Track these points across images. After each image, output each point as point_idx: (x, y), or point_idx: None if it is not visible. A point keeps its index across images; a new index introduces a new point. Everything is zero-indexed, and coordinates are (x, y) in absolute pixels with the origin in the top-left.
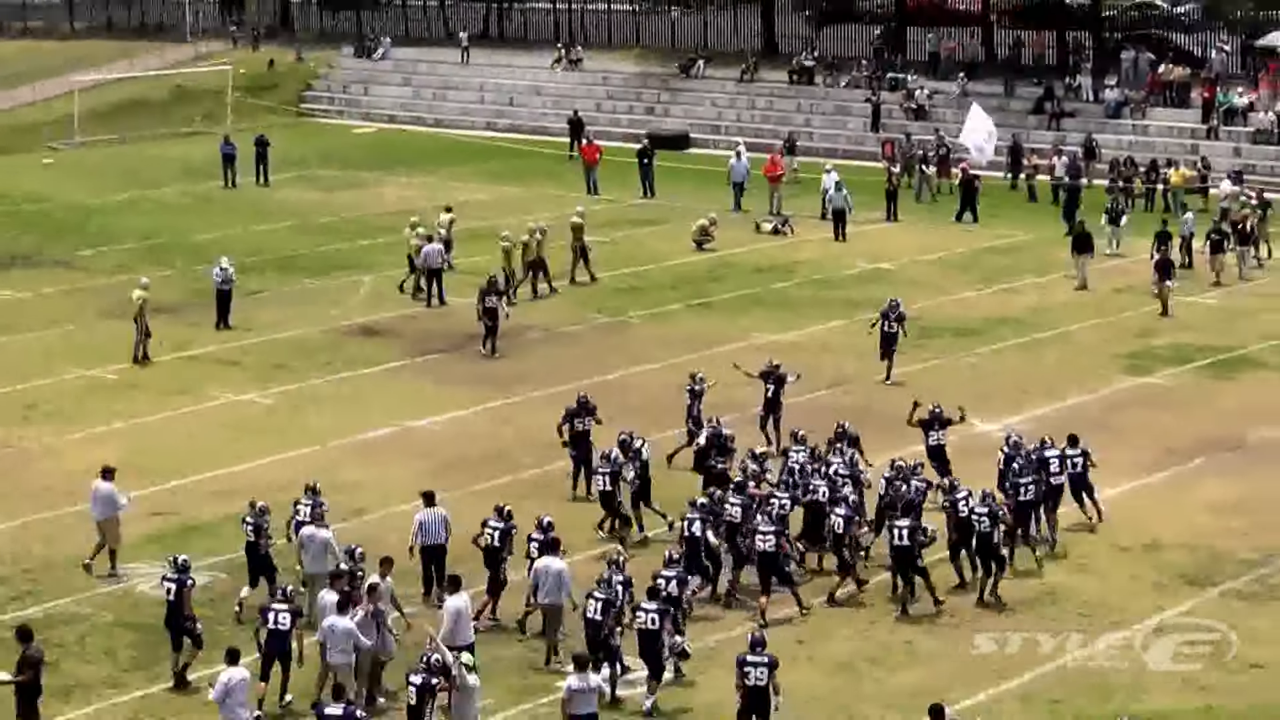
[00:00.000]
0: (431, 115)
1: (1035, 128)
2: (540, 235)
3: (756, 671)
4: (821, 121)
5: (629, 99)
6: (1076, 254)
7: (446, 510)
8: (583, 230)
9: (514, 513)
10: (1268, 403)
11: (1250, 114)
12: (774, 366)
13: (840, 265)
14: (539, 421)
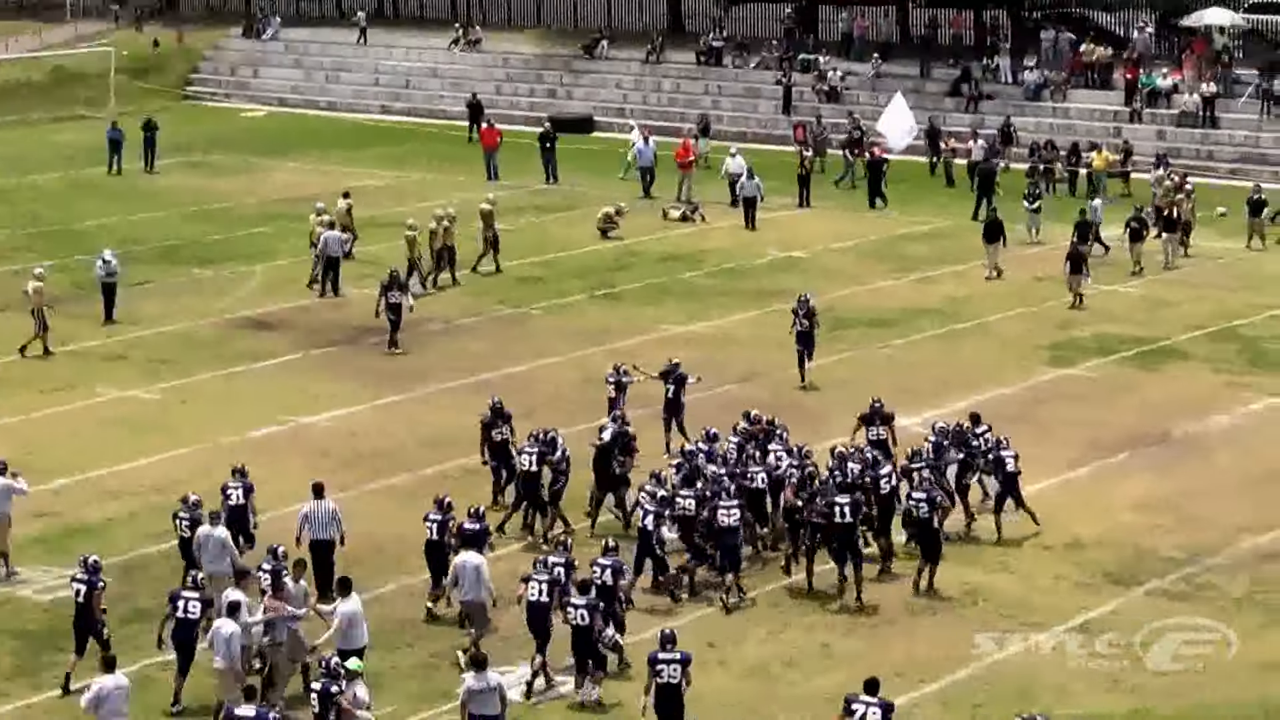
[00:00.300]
0: (324, 98)
1: (952, 110)
2: (448, 222)
3: (669, 669)
4: (730, 104)
5: (530, 81)
6: (987, 243)
7: (337, 505)
8: (493, 218)
9: (453, 504)
10: (1193, 395)
11: (1174, 96)
12: (673, 366)
13: (751, 254)
14: (438, 418)
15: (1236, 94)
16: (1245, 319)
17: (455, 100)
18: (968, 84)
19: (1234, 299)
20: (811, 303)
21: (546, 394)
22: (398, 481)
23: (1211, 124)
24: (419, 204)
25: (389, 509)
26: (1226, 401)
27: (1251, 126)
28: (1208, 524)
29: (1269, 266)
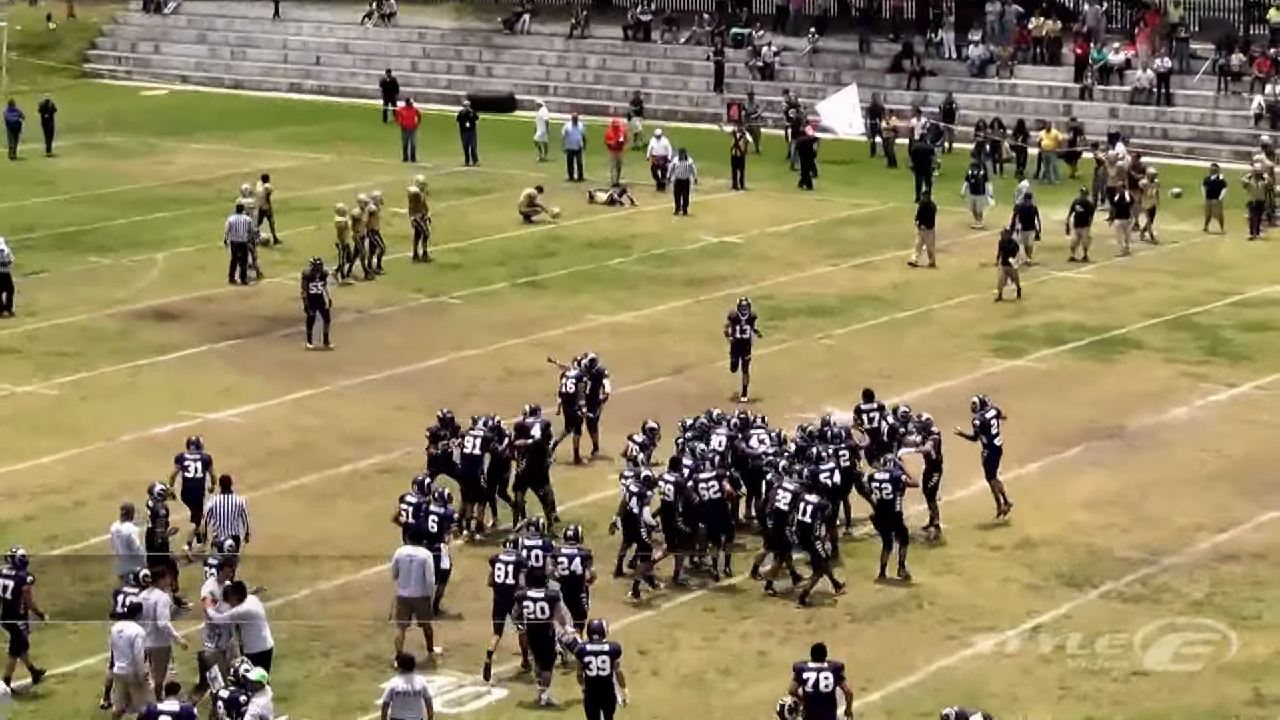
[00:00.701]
0: (230, 75)
1: (893, 88)
2: (375, 206)
3: (598, 660)
4: (660, 81)
5: (447, 57)
6: (921, 227)
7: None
8: (421, 201)
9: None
10: (1148, 386)
11: (1127, 71)
12: (590, 362)
13: (682, 239)
14: (352, 413)
15: (1192, 69)
16: (1202, 306)
17: (369, 78)
18: (909, 60)
19: (1191, 285)
20: (752, 309)
21: (464, 388)
22: (310, 481)
23: (1166, 101)
24: (333, 187)
25: (301, 510)
26: (1184, 393)
27: (1208, 103)
28: (1165, 522)
29: (1227, 251)
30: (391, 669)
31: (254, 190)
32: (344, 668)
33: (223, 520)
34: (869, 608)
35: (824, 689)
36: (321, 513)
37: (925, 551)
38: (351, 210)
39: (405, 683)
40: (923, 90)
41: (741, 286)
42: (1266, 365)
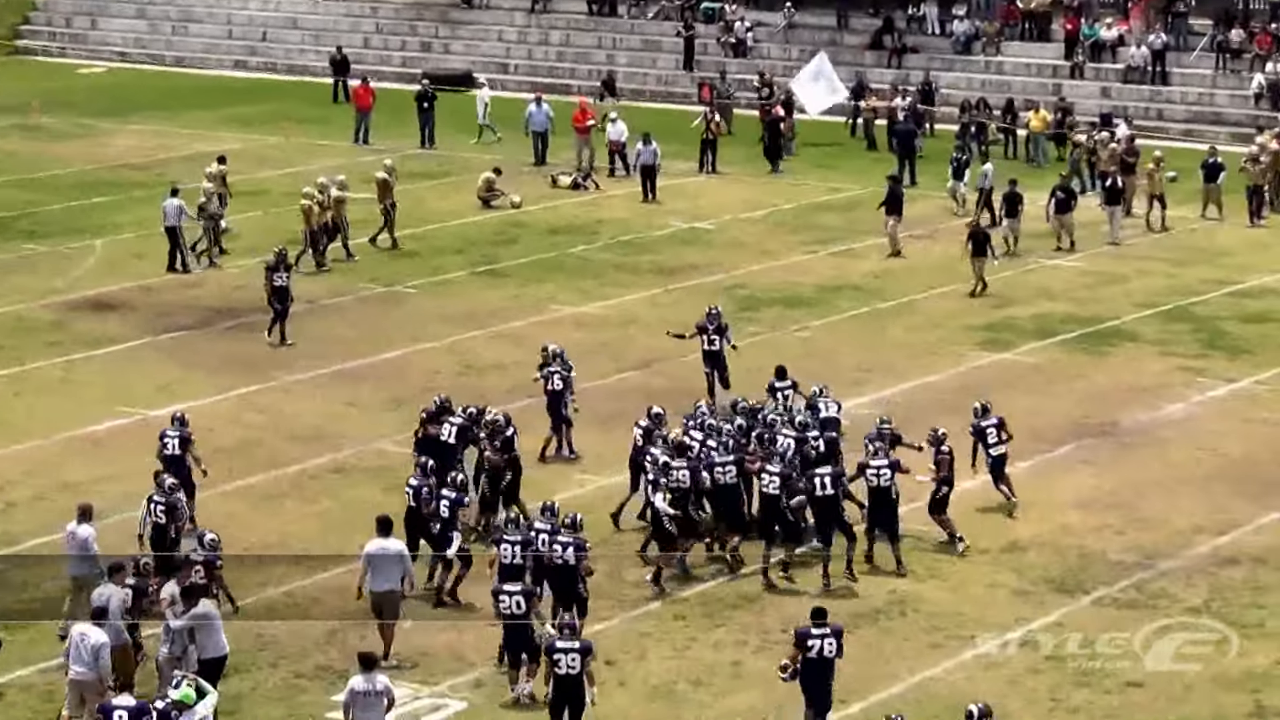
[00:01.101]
0: (171, 52)
1: (873, 65)
2: (338, 190)
3: (568, 658)
4: (627, 59)
5: (401, 33)
6: (886, 214)
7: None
8: (390, 188)
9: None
10: (1143, 381)
11: (1120, 49)
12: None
13: (651, 225)
14: (301, 409)
15: (1189, 46)
16: (1200, 296)
17: (318, 55)
18: (890, 36)
19: (1187, 274)
20: (722, 319)
21: (421, 383)
22: (256, 481)
23: (1161, 80)
24: (280, 171)
25: (246, 511)
26: (1180, 388)
27: (1205, 82)
28: (1161, 524)
29: (1226, 237)
30: (343, 680)
31: (218, 174)
32: (293, 679)
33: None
34: (848, 614)
35: (827, 654)
36: (268, 514)
37: (908, 556)
38: (315, 195)
39: (366, 682)
40: (904, 68)
41: (713, 275)
42: (1267, 359)
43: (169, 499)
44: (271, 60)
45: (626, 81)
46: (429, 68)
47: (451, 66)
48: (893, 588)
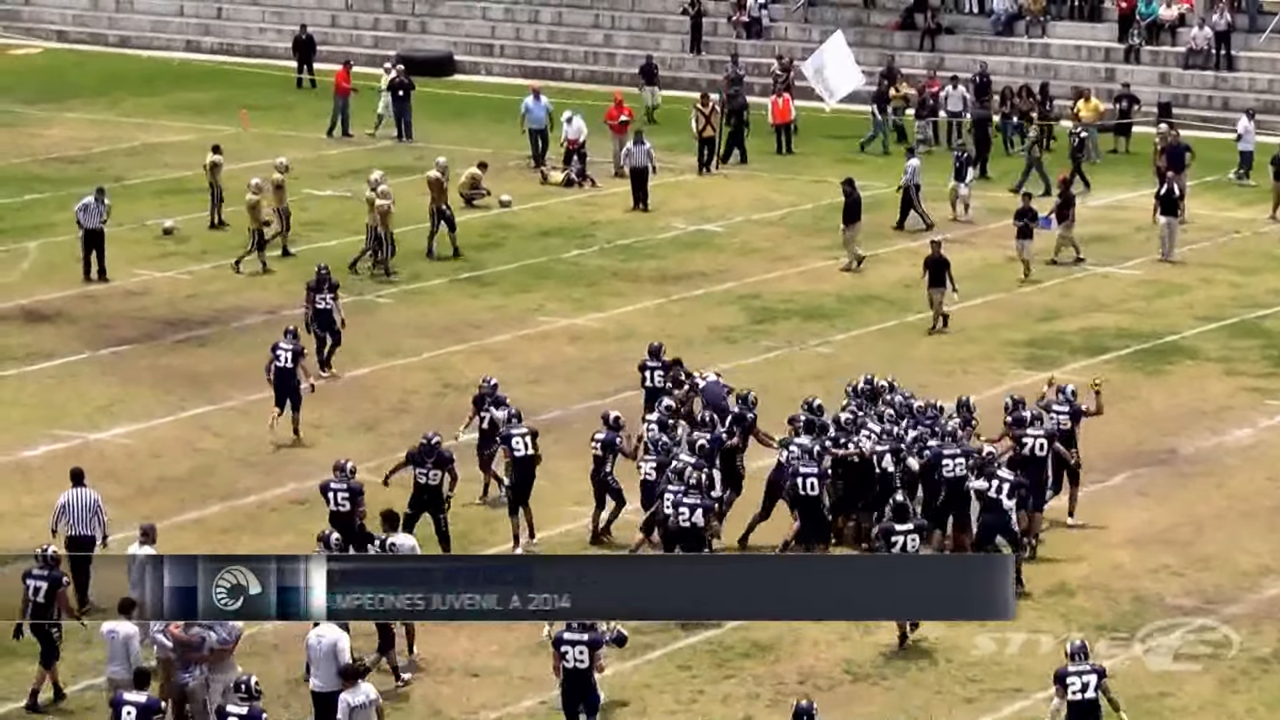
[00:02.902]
0: (114, 31)
1: (904, 48)
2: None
3: (575, 651)
4: (626, 40)
5: (374, 10)
6: (844, 224)
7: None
8: (444, 189)
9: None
10: (1204, 403)
11: (1180, 29)
12: (491, 387)
13: (652, 227)
14: (259, 431)
15: (1259, 26)
16: (1269, 309)
17: (280, 35)
18: (923, 14)
19: (1254, 283)
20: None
21: (394, 403)
22: (209, 513)
23: (1227, 64)
24: (237, 164)
25: (197, 546)
26: (1246, 410)
27: (1277, 68)
28: (1224, 564)
29: None
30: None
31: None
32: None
33: (76, 517)
34: (874, 664)
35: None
36: (222, 550)
37: None
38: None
39: (352, 696)
40: (938, 51)
41: (723, 283)
42: None
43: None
44: (227, 40)
45: (624, 64)
46: (405, 49)
47: (430, 48)
48: (923, 634)
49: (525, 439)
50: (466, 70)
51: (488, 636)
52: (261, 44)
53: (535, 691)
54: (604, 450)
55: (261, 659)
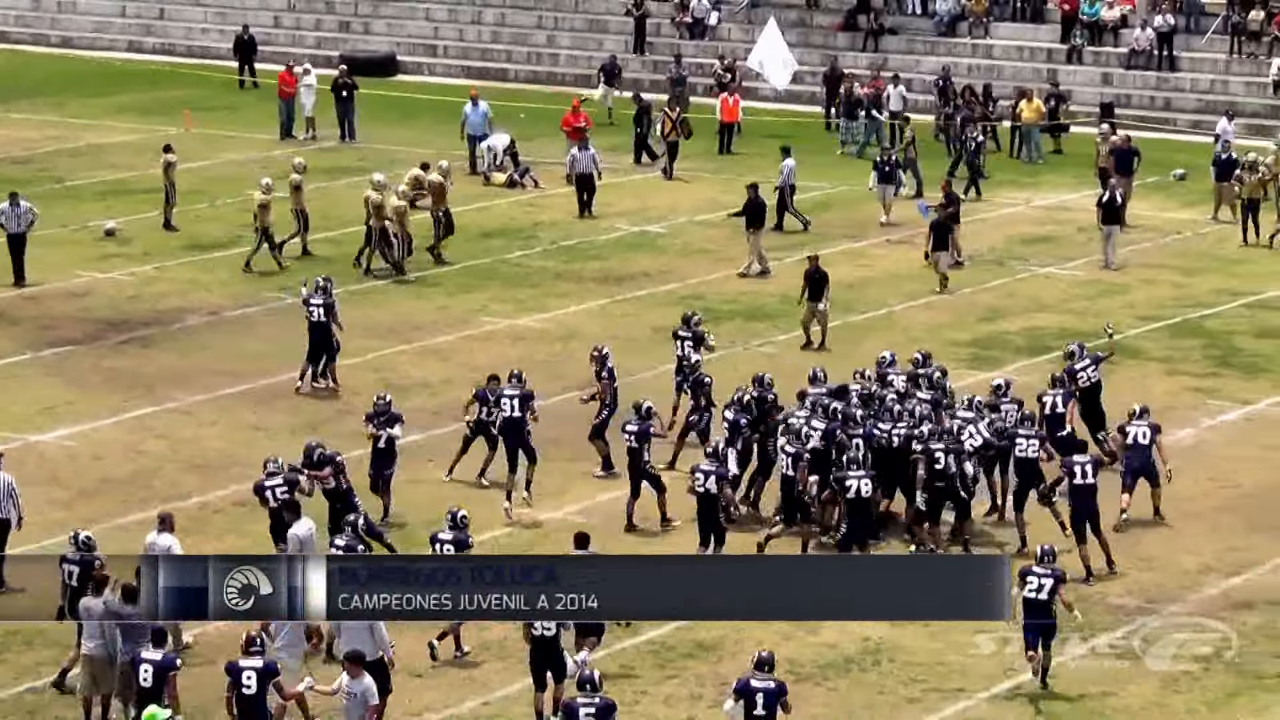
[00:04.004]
0: (56, 31)
1: (847, 49)
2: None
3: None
4: (569, 40)
5: (317, 11)
6: (746, 228)
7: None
8: (444, 194)
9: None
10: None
11: (1122, 30)
12: (385, 404)
13: (595, 228)
14: (202, 434)
15: (1200, 28)
16: (1212, 309)
17: (223, 35)
18: (866, 15)
19: (1196, 284)
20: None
21: (337, 404)
22: (152, 516)
23: (1169, 65)
24: (180, 165)
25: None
26: (1188, 411)
27: (1218, 68)
28: (1166, 564)
29: (1240, 242)
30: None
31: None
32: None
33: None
34: (816, 664)
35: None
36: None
37: None
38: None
39: (354, 683)
40: (881, 51)
41: (666, 284)
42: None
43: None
44: (170, 41)
45: (567, 65)
46: (347, 50)
47: (373, 49)
48: (867, 634)
49: (513, 401)
50: (410, 71)
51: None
52: (204, 44)
53: (479, 692)
54: (639, 440)
55: (208, 667)
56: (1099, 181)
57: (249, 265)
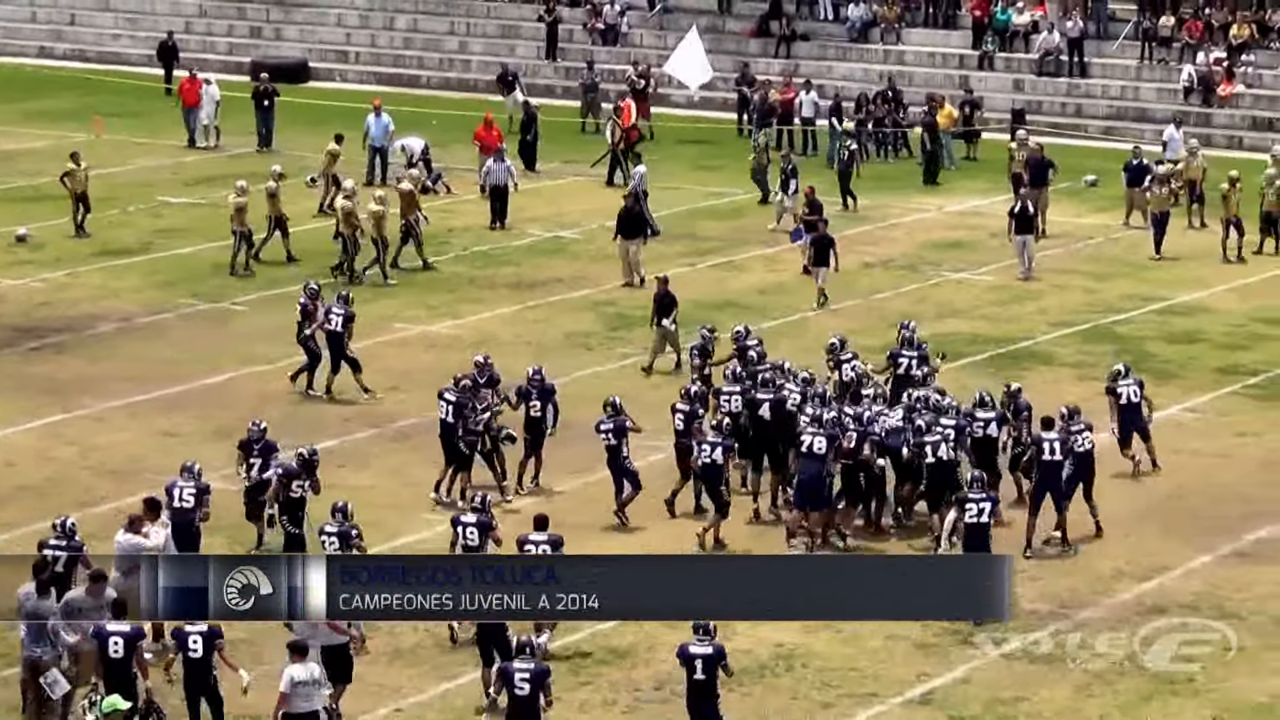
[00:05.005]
0: None
1: (759, 55)
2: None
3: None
4: (481, 46)
5: (228, 16)
6: (623, 240)
7: None
8: (415, 200)
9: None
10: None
11: (1034, 36)
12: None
13: (508, 234)
14: (115, 440)
15: (1111, 34)
16: (1123, 314)
17: (133, 41)
18: (778, 21)
19: (1108, 289)
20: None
21: (249, 410)
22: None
23: (1080, 71)
24: (92, 173)
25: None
26: (1100, 416)
27: (1129, 75)
28: (1079, 569)
29: (1151, 249)
30: None
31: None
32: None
33: None
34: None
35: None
36: None
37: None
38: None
39: (304, 670)
40: (793, 57)
41: (580, 289)
42: (1197, 383)
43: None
44: (80, 47)
45: (479, 71)
46: (259, 56)
47: (284, 55)
48: (780, 640)
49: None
50: (321, 77)
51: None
52: (115, 50)
53: (390, 698)
54: (615, 437)
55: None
56: (1012, 187)
57: (243, 266)
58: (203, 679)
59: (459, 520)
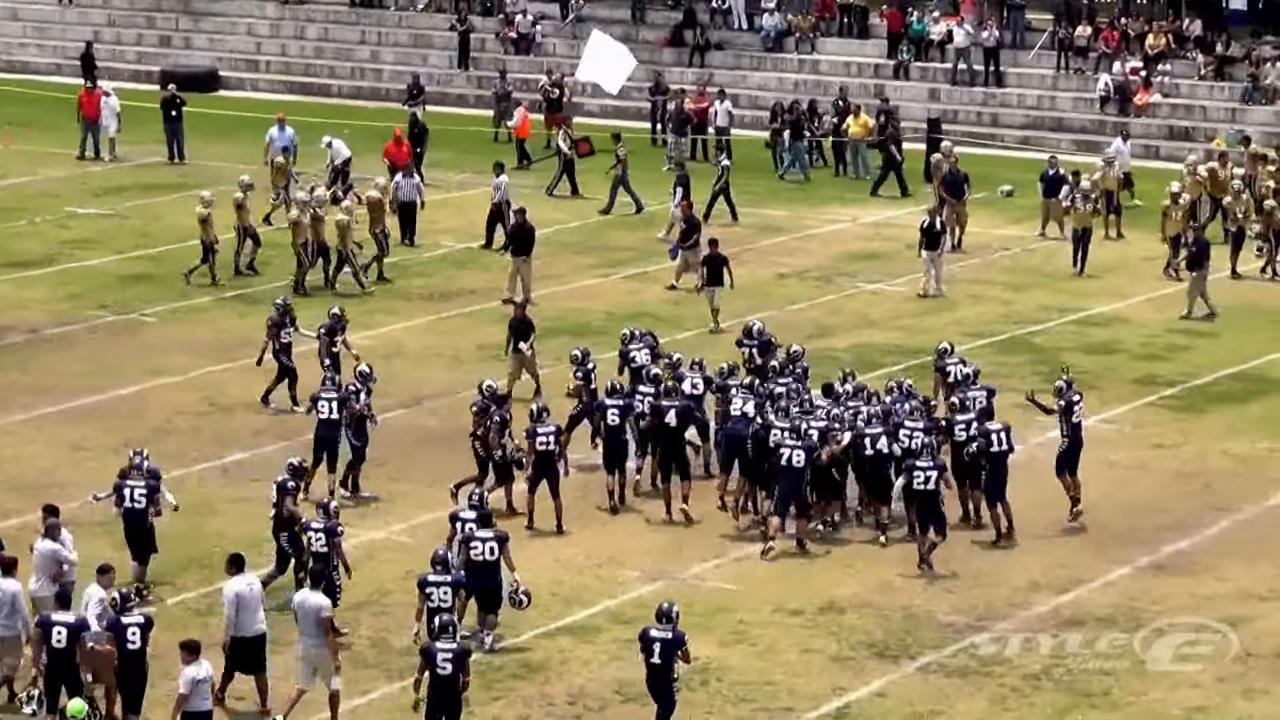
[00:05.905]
0: None
1: (673, 64)
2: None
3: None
4: (393, 56)
5: (137, 25)
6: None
7: None
8: (384, 210)
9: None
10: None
11: (949, 45)
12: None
13: (421, 246)
14: (20, 454)
15: (1027, 44)
16: (1039, 324)
17: (41, 50)
18: (692, 31)
19: (1024, 299)
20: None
21: (158, 422)
22: None
23: (996, 81)
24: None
25: None
26: (1016, 428)
27: (1045, 84)
28: (995, 581)
29: (1067, 260)
30: None
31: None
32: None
33: None
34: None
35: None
36: None
37: (712, 615)
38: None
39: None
40: (707, 67)
41: (492, 300)
42: (1115, 394)
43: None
44: None
45: (391, 80)
46: (168, 65)
47: (194, 64)
48: (696, 654)
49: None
50: (232, 86)
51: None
52: (23, 60)
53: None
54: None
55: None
56: (937, 200)
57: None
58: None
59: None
